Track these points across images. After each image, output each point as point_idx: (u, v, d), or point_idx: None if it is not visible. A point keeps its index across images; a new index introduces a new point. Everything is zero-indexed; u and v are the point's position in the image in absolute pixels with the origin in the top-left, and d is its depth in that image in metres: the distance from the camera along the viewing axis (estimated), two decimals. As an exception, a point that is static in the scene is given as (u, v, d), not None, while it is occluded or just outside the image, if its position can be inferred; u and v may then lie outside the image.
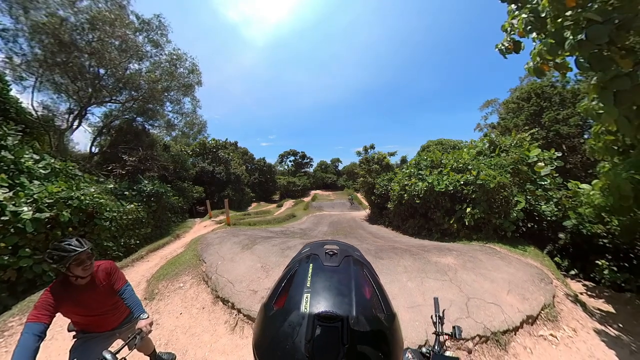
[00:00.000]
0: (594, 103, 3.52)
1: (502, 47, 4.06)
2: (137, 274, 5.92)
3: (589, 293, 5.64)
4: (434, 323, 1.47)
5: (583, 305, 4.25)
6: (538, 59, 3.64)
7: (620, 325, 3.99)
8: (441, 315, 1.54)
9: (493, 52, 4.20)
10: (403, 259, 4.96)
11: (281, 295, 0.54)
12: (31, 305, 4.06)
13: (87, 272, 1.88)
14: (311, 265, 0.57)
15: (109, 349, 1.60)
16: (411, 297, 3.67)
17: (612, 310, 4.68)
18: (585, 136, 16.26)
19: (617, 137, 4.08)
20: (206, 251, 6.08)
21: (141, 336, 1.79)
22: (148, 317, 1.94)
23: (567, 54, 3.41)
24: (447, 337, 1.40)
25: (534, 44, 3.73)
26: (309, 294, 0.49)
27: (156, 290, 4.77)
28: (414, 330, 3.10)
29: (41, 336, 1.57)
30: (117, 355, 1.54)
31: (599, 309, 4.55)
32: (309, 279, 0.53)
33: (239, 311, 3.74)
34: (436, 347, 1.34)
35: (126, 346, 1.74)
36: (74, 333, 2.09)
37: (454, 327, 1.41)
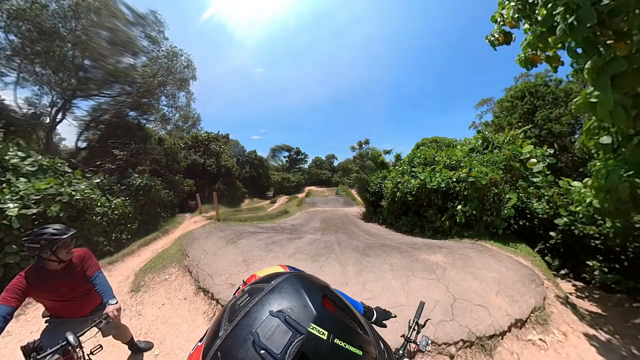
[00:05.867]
0: (588, 96, 3.35)
1: (492, 39, 3.91)
2: (127, 268, 5.87)
3: (579, 294, 5.54)
4: (409, 327, 1.37)
5: (574, 308, 4.11)
6: (529, 50, 3.52)
7: (611, 327, 3.85)
8: (420, 322, 1.41)
9: (488, 50, 4.03)
10: (390, 256, 4.78)
11: None
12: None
13: (70, 256, 1.99)
14: None
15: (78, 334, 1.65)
16: (394, 297, 3.47)
17: (602, 312, 4.57)
18: (576, 135, 16.30)
19: (610, 133, 3.91)
20: (191, 245, 5.91)
21: (107, 321, 1.84)
22: (116, 303, 1.97)
23: (559, 45, 3.26)
24: (415, 346, 1.28)
25: (525, 35, 3.59)
26: None
27: (142, 282, 4.73)
28: (391, 332, 2.69)
29: (7, 318, 1.64)
30: (80, 338, 1.64)
31: (589, 311, 4.42)
32: None
33: (218, 302, 3.73)
34: (400, 352, 1.22)
35: (100, 332, 1.83)
36: (47, 318, 2.14)
37: (423, 337, 1.30)
